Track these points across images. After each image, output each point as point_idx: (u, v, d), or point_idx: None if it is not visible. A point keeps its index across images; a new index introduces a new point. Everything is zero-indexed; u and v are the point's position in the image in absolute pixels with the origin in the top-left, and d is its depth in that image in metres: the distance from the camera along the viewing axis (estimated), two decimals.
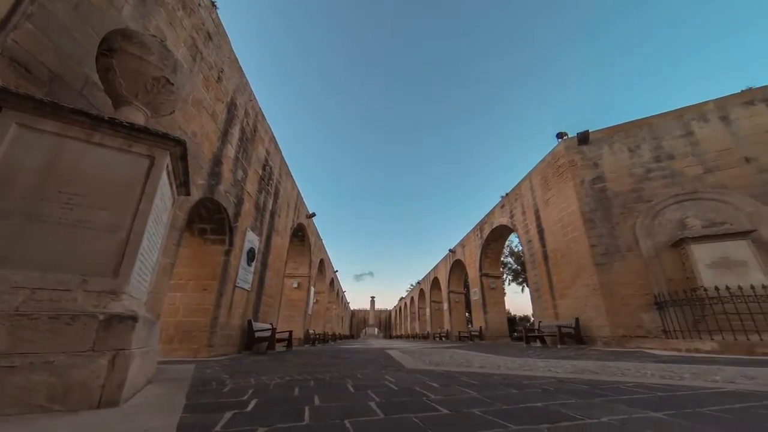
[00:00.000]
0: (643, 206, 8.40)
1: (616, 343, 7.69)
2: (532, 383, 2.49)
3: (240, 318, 7.09)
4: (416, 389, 2.30)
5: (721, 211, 7.55)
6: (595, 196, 9.09)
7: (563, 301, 9.87)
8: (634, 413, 1.57)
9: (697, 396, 1.97)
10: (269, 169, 8.90)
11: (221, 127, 6.06)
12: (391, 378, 2.88)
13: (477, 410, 1.67)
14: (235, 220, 6.71)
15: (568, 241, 9.64)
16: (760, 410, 1.62)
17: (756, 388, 2.23)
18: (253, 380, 2.85)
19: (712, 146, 8.16)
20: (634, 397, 1.94)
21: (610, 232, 8.61)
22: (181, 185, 3.13)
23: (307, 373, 3.31)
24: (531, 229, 11.98)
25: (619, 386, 2.32)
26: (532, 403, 1.82)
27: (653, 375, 2.86)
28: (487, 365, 3.84)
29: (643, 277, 7.85)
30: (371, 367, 3.97)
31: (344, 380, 2.79)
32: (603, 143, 9.53)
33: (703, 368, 3.32)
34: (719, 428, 1.34)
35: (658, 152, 8.72)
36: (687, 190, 8.05)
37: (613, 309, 7.96)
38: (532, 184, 12.03)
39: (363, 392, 2.22)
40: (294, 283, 14.30)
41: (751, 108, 8.07)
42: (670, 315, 7.07)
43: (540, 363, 4.05)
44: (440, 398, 1.98)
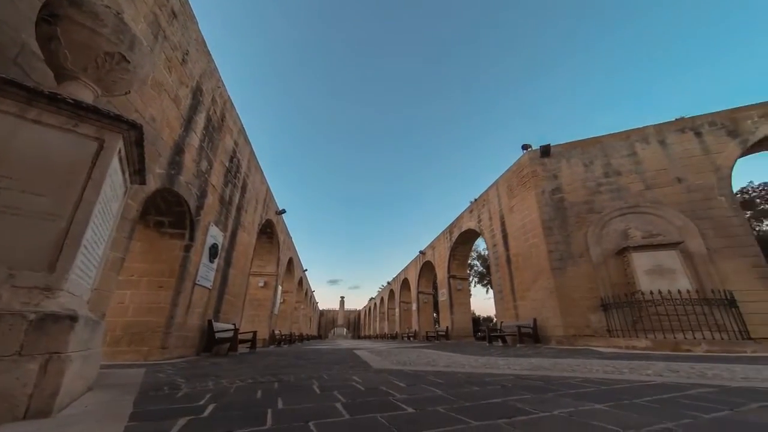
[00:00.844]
0: (594, 217, 9.20)
1: (567, 341, 8.33)
2: (492, 380, 2.62)
3: (199, 318, 6.65)
4: (383, 389, 2.31)
5: (656, 224, 8.49)
6: (554, 206, 9.79)
7: (523, 303, 10.50)
8: (580, 406, 1.72)
9: (633, 389, 2.20)
10: (237, 162, 8.47)
11: (184, 113, 5.66)
12: (358, 378, 2.87)
13: (441, 408, 1.72)
14: (197, 214, 6.29)
15: (529, 246, 10.27)
16: (681, 400, 1.85)
17: (679, 380, 2.54)
18: (212, 384, 2.69)
19: (651, 166, 9.16)
20: (580, 391, 2.11)
21: (565, 239, 9.32)
22: (135, 173, 2.87)
23: (271, 375, 3.19)
24: (496, 234, 12.59)
25: (568, 381, 2.52)
26: (492, 399, 1.91)
27: (598, 370, 3.14)
28: (452, 364, 3.97)
29: (592, 281, 8.59)
30: (338, 367, 3.92)
31: (310, 381, 2.73)
32: (562, 157, 10.30)
33: (639, 363, 3.71)
34: (648, 416, 1.50)
35: (608, 168, 9.61)
36: (630, 204, 8.95)
37: (566, 310, 8.63)
38: (498, 192, 12.66)
39: (329, 393, 2.18)
40: (260, 282, 13.72)
41: (682, 135, 9.18)
42: (613, 316, 7.81)
43: (500, 361, 4.27)
44: (406, 397, 2.01)
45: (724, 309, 6.83)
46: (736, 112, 8.90)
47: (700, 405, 1.71)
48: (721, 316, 6.77)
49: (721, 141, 8.73)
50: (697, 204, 8.31)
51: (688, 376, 2.75)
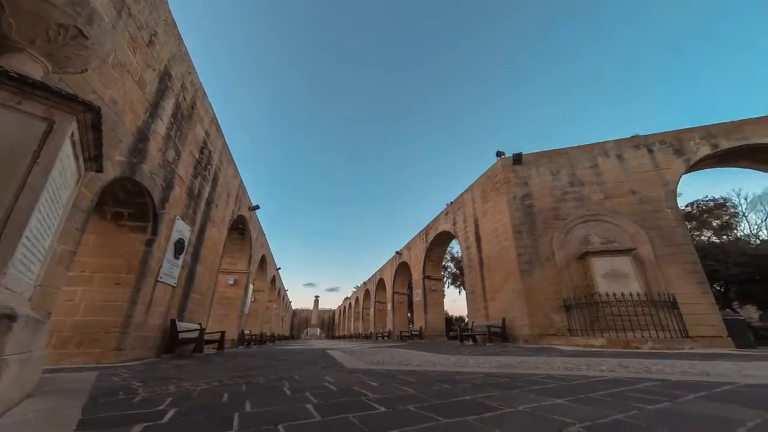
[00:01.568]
0: (559, 223, 9.78)
1: (533, 340, 8.79)
2: (463, 379, 2.70)
3: (161, 317, 6.23)
4: (355, 389, 2.30)
5: (613, 231, 9.20)
6: (524, 211, 10.29)
7: (493, 303, 10.92)
8: (542, 401, 1.82)
9: (589, 384, 2.36)
10: (208, 153, 8.05)
11: (150, 98, 5.29)
12: (331, 379, 2.84)
13: (412, 406, 1.74)
14: (162, 206, 5.90)
15: (500, 249, 10.71)
16: (630, 393, 2.02)
17: (628, 375, 2.76)
18: (173, 387, 2.53)
19: (610, 178, 9.91)
20: (543, 387, 2.24)
21: (533, 243, 9.82)
22: (90, 159, 2.63)
23: (239, 377, 3.06)
24: (470, 237, 13.00)
25: (533, 378, 2.65)
26: (462, 396, 1.97)
27: (559, 368, 3.34)
28: (425, 363, 4.04)
29: (556, 284, 9.13)
30: (310, 368, 3.85)
31: (280, 383, 2.65)
32: (532, 165, 10.85)
33: (595, 360, 3.99)
34: (601, 409, 1.62)
35: (573, 178, 10.26)
36: (591, 212, 9.62)
37: (533, 311, 9.09)
38: (473, 196, 13.07)
39: (300, 394, 2.14)
40: (230, 280, 13.14)
41: (637, 151, 10.03)
42: (574, 316, 8.35)
43: (471, 360, 4.41)
44: (379, 397, 2.01)
45: (668, 310, 7.54)
46: (681, 133, 9.87)
47: (645, 397, 1.88)
48: (665, 316, 7.47)
49: (669, 158, 9.64)
50: (648, 214, 9.10)
51: (636, 371, 3.00)
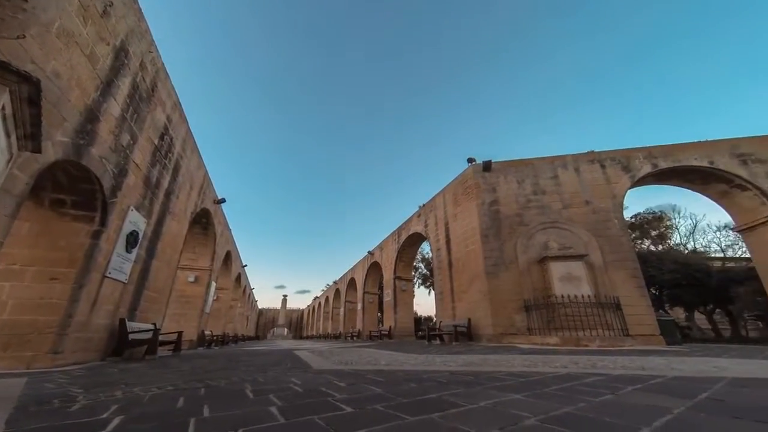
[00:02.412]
0: (523, 228, 10.38)
1: (495, 339, 9.23)
2: (429, 377, 2.77)
3: (109, 316, 5.67)
4: (322, 389, 2.27)
5: (569, 238, 9.95)
6: (491, 216, 10.79)
7: (460, 304, 11.31)
8: (502, 397, 1.92)
9: (545, 380, 2.53)
10: (169, 140, 7.48)
11: (103, 74, 4.80)
12: (297, 380, 2.76)
13: (380, 406, 1.75)
14: (113, 195, 5.38)
15: (468, 252, 11.13)
16: (579, 387, 2.20)
17: (578, 371, 3.00)
18: (121, 393, 2.31)
19: (568, 189, 10.71)
20: (503, 384, 2.36)
21: (499, 247, 10.33)
22: (26, 137, 2.33)
23: (197, 381, 2.88)
24: (441, 239, 13.35)
25: (494, 375, 2.79)
26: (428, 395, 2.02)
27: (518, 365, 3.54)
28: (393, 363, 4.08)
29: (518, 286, 9.67)
30: (276, 369, 3.73)
31: (243, 385, 2.53)
32: (500, 173, 11.41)
33: (550, 358, 4.29)
34: (554, 403, 1.75)
35: (536, 187, 10.94)
36: (551, 220, 10.33)
37: (496, 311, 9.55)
38: (445, 199, 13.45)
39: (264, 397, 2.06)
40: (191, 277, 12.31)
41: (591, 165, 10.94)
42: (533, 316, 8.90)
43: (437, 359, 4.53)
44: (346, 397, 2.00)
45: (613, 311, 8.31)
46: (629, 152, 10.93)
47: (591, 391, 2.06)
48: (610, 317, 8.23)
49: (617, 174, 10.63)
50: (599, 224, 9.96)
51: (585, 367, 3.27)
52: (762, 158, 9.91)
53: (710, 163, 10.18)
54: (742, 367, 3.23)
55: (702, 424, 1.38)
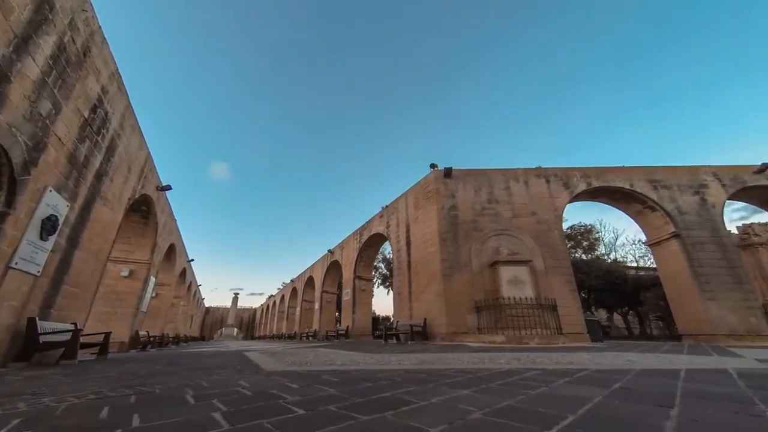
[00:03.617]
0: (477, 234, 11.05)
1: (449, 338, 9.66)
2: (385, 376, 2.81)
3: (13, 315, 4.79)
4: (273, 392, 2.18)
5: (517, 245, 10.83)
6: (450, 221, 11.31)
7: (417, 304, 11.65)
8: (453, 393, 2.02)
9: (490, 376, 2.72)
10: (103, 115, 6.58)
11: (19, 28, 4.08)
12: (246, 383, 2.62)
13: (333, 407, 1.73)
14: (26, 171, 4.58)
15: (427, 254, 11.52)
16: (519, 381, 2.41)
17: (519, 366, 3.29)
18: (26, 405, 1.98)
19: (518, 200, 11.66)
20: (454, 380, 2.49)
21: (456, 250, 10.86)
22: None
23: (126, 387, 2.57)
24: (401, 240, 13.63)
25: (446, 373, 2.93)
26: (383, 393, 2.05)
27: (468, 362, 3.76)
28: (349, 362, 4.06)
29: (471, 287, 10.26)
30: (222, 372, 3.48)
31: (183, 391, 2.32)
32: (460, 180, 12.03)
33: (496, 355, 4.62)
34: (498, 396, 1.90)
35: (491, 196, 11.73)
36: (502, 227, 11.15)
37: (451, 311, 10.01)
38: (407, 202, 13.77)
39: (207, 402, 1.91)
40: (124, 271, 10.95)
41: (538, 180, 12.06)
42: (483, 316, 9.51)
43: (393, 357, 4.61)
44: (298, 399, 1.95)
45: (550, 312, 9.22)
46: (568, 170, 12.25)
47: (530, 384, 2.27)
48: (548, 317, 9.12)
49: (559, 189, 11.87)
50: (542, 233, 11.01)
51: (525, 363, 3.59)
52: (668, 185, 11.80)
53: (630, 186, 11.84)
54: (646, 361, 3.82)
55: (614, 409, 1.61)
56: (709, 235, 10.95)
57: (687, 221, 11.18)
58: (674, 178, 11.93)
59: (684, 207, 11.41)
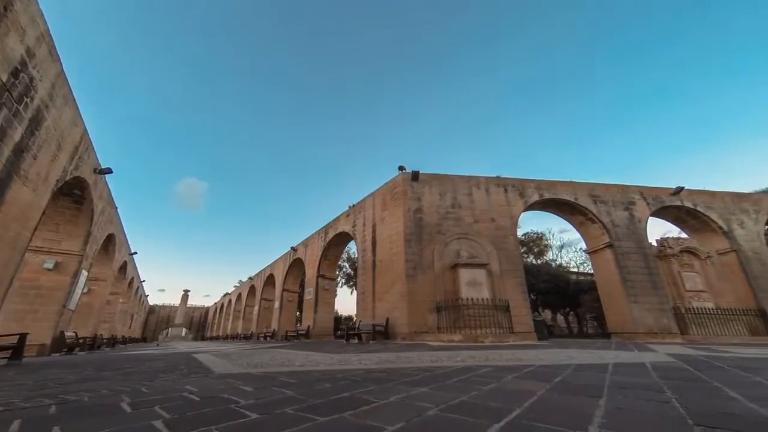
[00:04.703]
0: (440, 237, 11.45)
1: (410, 337, 9.86)
2: (345, 376, 2.79)
3: None
4: (224, 396, 2.05)
5: (476, 248, 11.43)
6: (415, 223, 11.58)
7: (381, 304, 11.73)
8: (411, 391, 2.08)
9: (447, 373, 2.84)
10: (27, 80, 5.70)
11: None
12: (194, 387, 2.43)
13: (290, 409, 1.69)
14: None
15: (392, 254, 11.67)
16: (474, 378, 2.54)
17: (474, 364, 3.47)
18: None
19: (479, 206, 12.31)
20: (413, 379, 2.56)
21: (420, 252, 11.14)
22: None
23: (45, 396, 2.25)
24: (367, 240, 13.64)
25: (406, 371, 2.99)
26: (342, 393, 2.04)
27: (426, 360, 3.88)
28: (308, 363, 3.96)
29: (433, 288, 10.60)
30: (167, 376, 3.19)
31: (116, 398, 2.09)
32: (426, 184, 12.39)
33: (453, 353, 4.83)
34: (453, 393, 1.99)
35: (454, 201, 12.24)
36: (463, 231, 11.69)
37: (413, 311, 10.24)
38: (374, 202, 13.83)
39: (146, 410, 1.75)
40: (48, 263, 9.56)
41: (498, 188, 12.86)
42: (443, 316, 9.87)
43: (354, 357, 4.60)
44: (252, 403, 1.86)
45: (503, 312, 9.86)
46: (524, 181, 13.23)
47: (483, 380, 2.41)
48: (501, 317, 9.75)
49: (515, 198, 12.77)
50: (499, 239, 11.74)
51: (480, 360, 3.80)
52: (605, 200, 13.28)
53: (575, 199, 13.12)
54: (583, 356, 4.26)
55: (554, 401, 1.77)
56: (635, 246, 12.51)
57: (619, 233, 12.66)
58: (610, 194, 13.46)
59: (617, 220, 12.92)
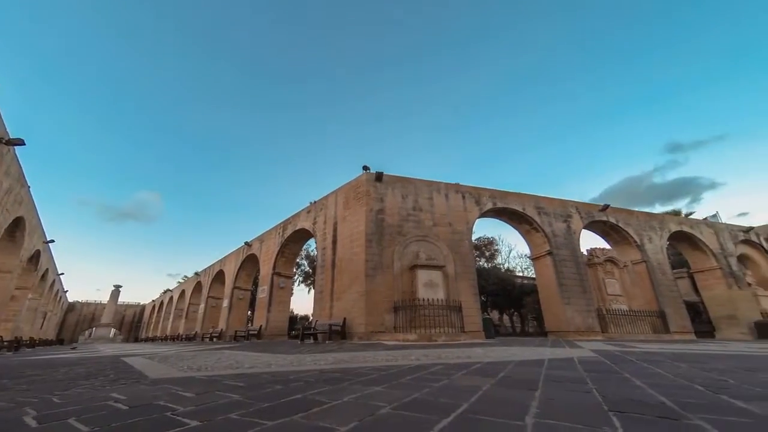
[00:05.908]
0: (401, 238, 11.69)
1: (366, 337, 9.88)
2: (297, 377, 2.70)
3: None
4: (159, 404, 1.86)
5: (434, 251, 11.88)
6: (377, 224, 11.67)
7: (338, 303, 11.58)
8: (366, 390, 2.08)
9: (401, 372, 2.90)
10: None
11: None
12: (121, 395, 2.16)
13: (236, 414, 1.58)
14: None
15: (353, 254, 11.61)
16: (426, 376, 2.64)
17: (427, 362, 3.59)
18: None
19: (438, 210, 12.83)
20: (368, 378, 2.57)
21: (380, 252, 11.24)
22: None
23: None
24: (328, 238, 13.40)
25: (360, 371, 2.99)
26: (294, 396, 1.97)
27: (382, 360, 3.92)
28: (259, 365, 3.76)
29: (391, 289, 10.76)
30: (87, 383, 2.79)
31: (16, 412, 1.77)
32: (389, 185, 12.57)
33: (408, 352, 4.95)
34: (407, 391, 2.04)
35: (416, 204, 12.60)
36: (423, 234, 12.08)
37: (370, 311, 10.28)
38: (337, 200, 13.65)
39: (58, 424, 1.51)
40: None
41: (456, 194, 13.53)
42: (400, 316, 10.06)
43: (308, 358, 4.47)
44: (192, 409, 1.71)
45: (456, 312, 10.37)
46: (480, 190, 14.11)
47: (435, 378, 2.50)
48: (454, 317, 10.24)
49: (471, 205, 13.55)
50: (455, 242, 12.35)
51: (432, 358, 3.95)
52: (548, 212, 14.72)
53: (523, 209, 14.33)
54: (523, 353, 4.65)
55: (497, 395, 1.91)
56: (570, 255, 14.04)
57: (558, 242, 14.11)
58: (552, 207, 14.95)
59: (557, 231, 14.38)
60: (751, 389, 2.05)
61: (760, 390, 2.02)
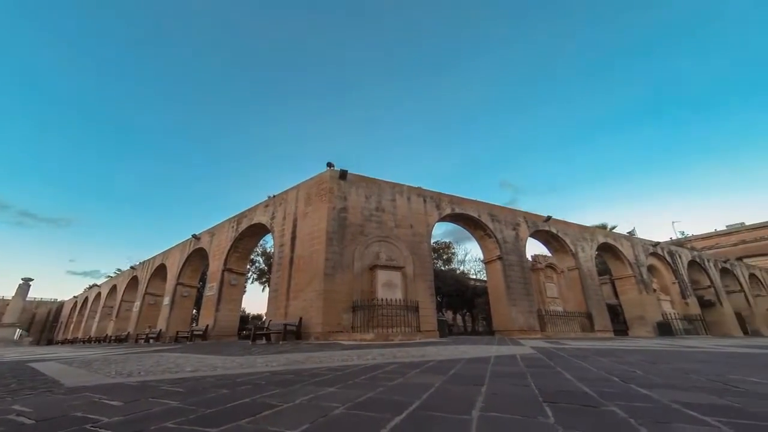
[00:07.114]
0: (362, 238, 11.68)
1: (323, 337, 9.66)
2: (246, 380, 2.55)
3: None
4: (77, 415, 1.62)
5: (394, 252, 12.08)
6: (339, 222, 11.53)
7: (295, 302, 11.17)
8: (319, 391, 2.04)
9: (357, 371, 2.89)
10: None
11: None
12: (26, 407, 1.83)
13: (172, 423, 1.44)
14: None
15: (312, 252, 11.30)
16: (381, 375, 2.66)
17: (383, 361, 3.62)
18: None
19: (400, 212, 13.08)
20: (322, 378, 2.52)
21: (341, 251, 11.10)
22: None
23: None
24: (286, 234, 12.87)
25: (315, 371, 2.92)
26: (241, 400, 1.85)
27: (337, 360, 3.87)
28: (203, 368, 3.47)
29: (351, 288, 10.68)
30: None
31: None
32: (353, 184, 12.51)
33: (364, 352, 4.94)
34: (361, 390, 2.04)
35: (378, 204, 12.69)
36: (385, 234, 12.21)
37: (328, 310, 10.08)
38: (298, 196, 13.20)
39: None
40: None
41: (418, 198, 13.92)
42: (358, 316, 10.02)
43: (259, 359, 4.24)
44: (119, 420, 1.52)
45: (413, 312, 10.64)
46: (440, 195, 14.69)
47: (389, 377, 2.54)
48: (411, 317, 10.49)
49: (432, 209, 14.05)
50: (415, 244, 12.69)
51: (388, 358, 4.00)
52: (500, 220, 15.84)
53: (478, 216, 15.25)
54: (473, 351, 4.93)
55: (448, 391, 2.00)
56: (517, 260, 15.26)
57: (507, 248, 15.24)
58: (503, 215, 16.14)
59: (506, 238, 15.54)
60: (653, 379, 2.43)
61: (659, 380, 2.40)
